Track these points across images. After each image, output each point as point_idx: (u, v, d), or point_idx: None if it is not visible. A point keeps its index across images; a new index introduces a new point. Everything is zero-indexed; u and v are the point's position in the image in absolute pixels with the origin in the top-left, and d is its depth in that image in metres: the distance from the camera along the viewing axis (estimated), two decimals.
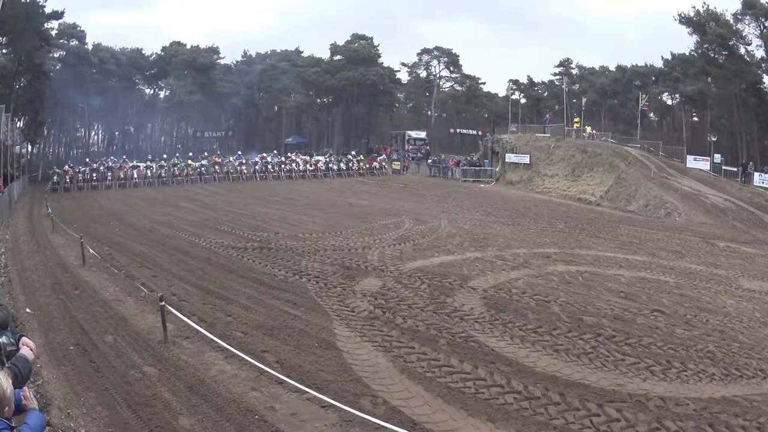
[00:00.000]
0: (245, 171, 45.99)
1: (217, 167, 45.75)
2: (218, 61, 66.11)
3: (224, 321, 11.13)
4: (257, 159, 49.15)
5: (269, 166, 47.52)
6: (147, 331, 10.52)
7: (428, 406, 7.85)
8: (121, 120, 59.33)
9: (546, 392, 8.28)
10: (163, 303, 10.02)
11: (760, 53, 45.53)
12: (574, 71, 66.82)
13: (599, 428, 7.45)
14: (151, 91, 66.57)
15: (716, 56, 47.72)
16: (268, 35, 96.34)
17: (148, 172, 43.30)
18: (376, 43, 68.93)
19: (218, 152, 52.93)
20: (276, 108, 70.16)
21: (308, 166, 48.57)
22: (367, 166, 50.60)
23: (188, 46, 64.55)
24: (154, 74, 64.00)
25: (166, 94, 65.75)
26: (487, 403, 7.95)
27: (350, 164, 50.03)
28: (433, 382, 8.52)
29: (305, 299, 12.57)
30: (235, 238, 20.15)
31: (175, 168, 44.76)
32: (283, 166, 48.06)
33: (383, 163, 52.16)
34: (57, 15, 47.48)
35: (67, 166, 41.85)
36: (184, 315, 10.36)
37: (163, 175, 43.46)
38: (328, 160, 51.14)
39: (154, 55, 63.57)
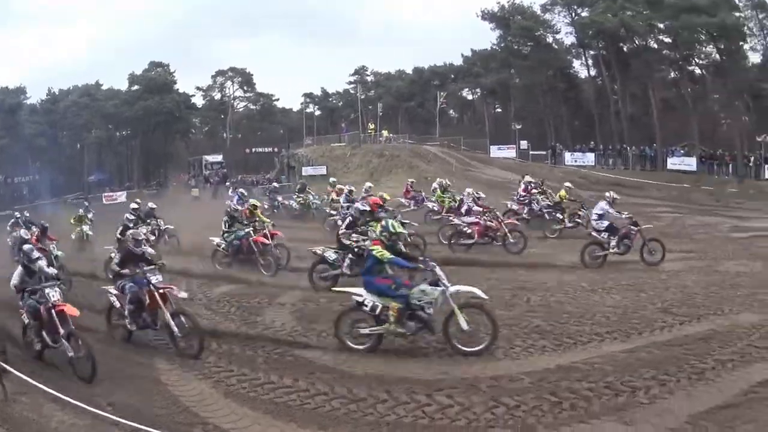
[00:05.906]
0: None
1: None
2: (25, 101, 60.97)
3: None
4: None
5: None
6: None
7: (258, 425, 7.70)
8: None
9: (371, 392, 8.32)
10: None
11: (570, 39, 49.30)
12: (369, 78, 67.02)
13: (434, 416, 7.57)
14: None
15: (520, 48, 50.48)
16: (74, 69, 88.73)
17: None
18: (172, 69, 65.76)
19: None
20: (78, 145, 65.75)
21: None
22: None
23: None
24: None
25: None
26: (315, 412, 7.92)
27: None
28: (257, 400, 8.38)
29: (114, 341, 11.46)
30: None
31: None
32: None
33: None
34: None
35: None
36: (18, 371, 9.47)
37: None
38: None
39: None
